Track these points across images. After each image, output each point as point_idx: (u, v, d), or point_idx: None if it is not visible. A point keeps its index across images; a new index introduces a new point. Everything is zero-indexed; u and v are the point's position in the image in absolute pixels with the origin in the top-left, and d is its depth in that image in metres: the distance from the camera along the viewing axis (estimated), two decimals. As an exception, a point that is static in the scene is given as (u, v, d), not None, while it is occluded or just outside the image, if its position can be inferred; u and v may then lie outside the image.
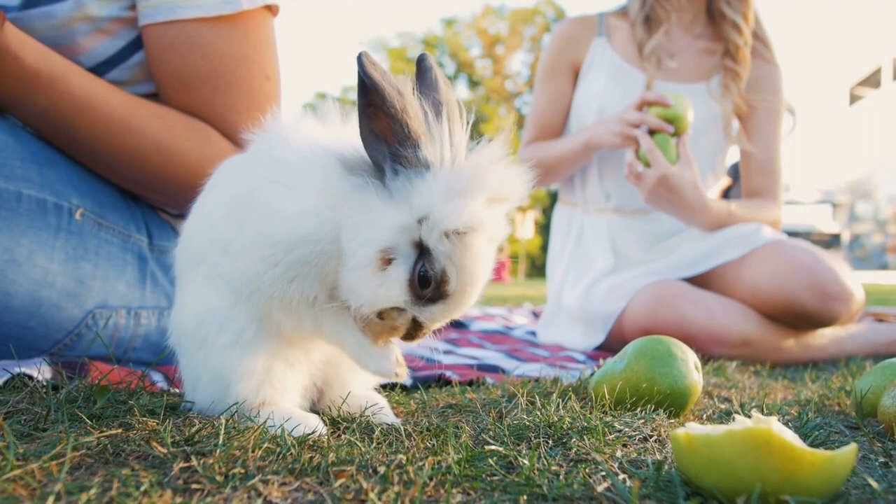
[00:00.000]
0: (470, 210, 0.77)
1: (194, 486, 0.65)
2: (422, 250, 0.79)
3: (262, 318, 0.89)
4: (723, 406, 1.19)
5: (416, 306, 0.81)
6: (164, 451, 0.73)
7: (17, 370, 1.09)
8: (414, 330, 0.85)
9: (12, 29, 1.18)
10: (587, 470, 0.73)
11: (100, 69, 1.40)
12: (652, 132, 2.05)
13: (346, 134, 0.87)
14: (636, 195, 2.24)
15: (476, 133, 0.84)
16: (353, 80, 0.80)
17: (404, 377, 0.89)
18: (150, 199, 1.53)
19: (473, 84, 36.44)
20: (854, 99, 27.16)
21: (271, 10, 1.46)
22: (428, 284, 0.79)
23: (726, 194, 3.46)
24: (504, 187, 0.81)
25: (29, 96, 1.25)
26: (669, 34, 2.35)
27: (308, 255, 0.83)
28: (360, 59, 0.76)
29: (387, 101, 0.76)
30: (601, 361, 1.36)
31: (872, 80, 25.82)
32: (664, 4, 2.34)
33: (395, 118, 0.76)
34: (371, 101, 0.77)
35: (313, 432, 0.84)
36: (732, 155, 2.48)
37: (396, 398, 1.19)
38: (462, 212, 0.77)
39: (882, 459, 0.84)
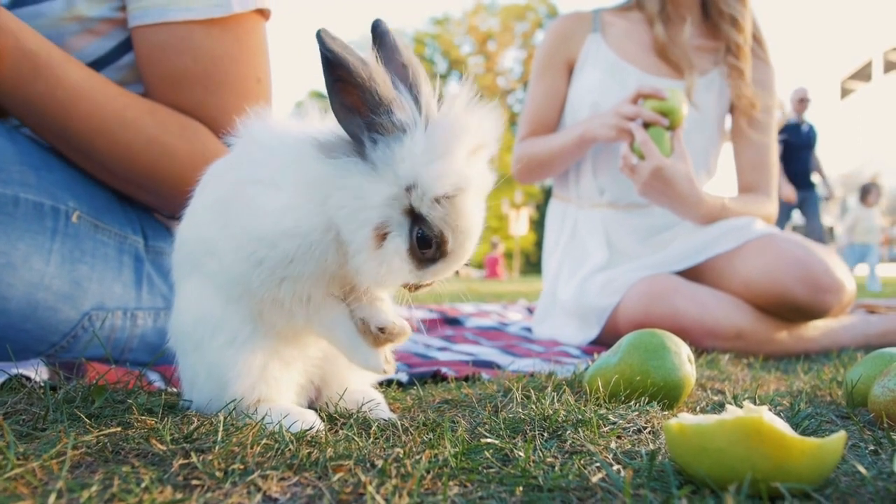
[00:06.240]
0: (455, 170, 0.78)
1: (194, 482, 0.66)
2: (414, 216, 0.80)
3: (255, 317, 0.90)
4: (716, 398, 1.20)
5: (419, 271, 0.83)
6: (164, 448, 0.74)
7: (14, 371, 1.10)
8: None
9: (9, 13, 1.18)
10: (582, 461, 0.74)
11: (90, 70, 1.40)
12: (647, 125, 2.06)
13: (324, 127, 0.88)
14: (630, 189, 2.25)
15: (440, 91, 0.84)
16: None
17: (392, 373, 0.91)
18: (142, 200, 1.53)
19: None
20: (845, 93, 27.25)
21: (263, 13, 1.46)
22: (428, 245, 0.81)
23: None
24: (481, 134, 0.81)
25: (28, 83, 1.24)
26: (670, 30, 2.36)
27: (294, 251, 0.83)
28: (319, 36, 0.77)
29: (352, 72, 0.76)
30: (595, 356, 1.37)
31: (863, 74, 25.92)
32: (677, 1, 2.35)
33: (363, 87, 0.77)
34: (337, 75, 0.78)
35: (311, 428, 0.85)
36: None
37: (393, 394, 1.20)
38: (448, 174, 0.78)
39: (872, 447, 0.85)
